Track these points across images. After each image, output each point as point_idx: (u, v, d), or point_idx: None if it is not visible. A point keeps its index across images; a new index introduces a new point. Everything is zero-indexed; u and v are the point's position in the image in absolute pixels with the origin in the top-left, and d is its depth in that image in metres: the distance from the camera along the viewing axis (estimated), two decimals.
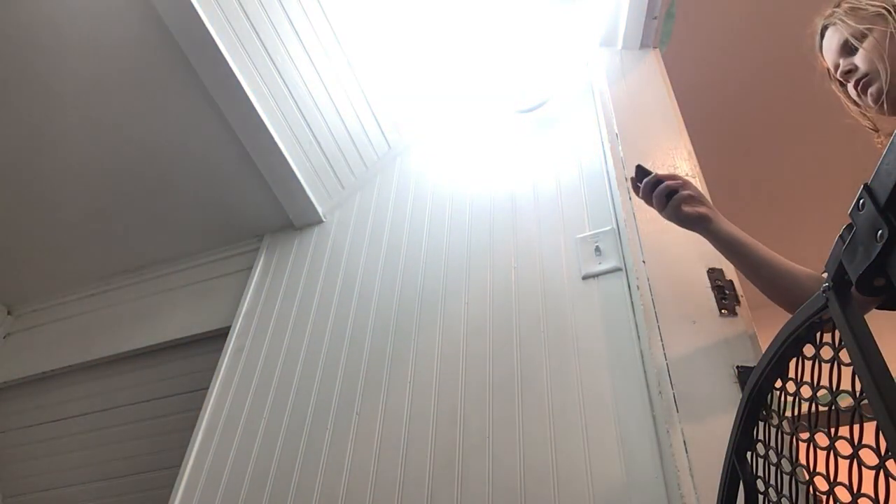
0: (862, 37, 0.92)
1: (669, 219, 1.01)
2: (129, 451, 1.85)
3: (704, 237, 1.00)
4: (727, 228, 0.98)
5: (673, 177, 1.02)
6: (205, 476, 1.45)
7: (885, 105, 0.91)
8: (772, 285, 0.94)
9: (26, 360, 2.10)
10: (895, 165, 0.36)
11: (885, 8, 0.90)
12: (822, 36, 1.00)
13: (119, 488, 1.82)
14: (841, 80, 0.97)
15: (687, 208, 0.99)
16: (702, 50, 2.26)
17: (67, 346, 2.05)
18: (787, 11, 2.14)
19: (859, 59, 0.93)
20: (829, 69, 1.02)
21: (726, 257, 1.00)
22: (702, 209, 0.99)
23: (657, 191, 1.00)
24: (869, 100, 0.92)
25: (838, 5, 0.97)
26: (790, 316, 0.52)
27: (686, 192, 1.00)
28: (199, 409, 1.59)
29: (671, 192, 0.99)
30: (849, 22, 0.94)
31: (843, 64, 0.95)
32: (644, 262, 1.16)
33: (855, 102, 0.99)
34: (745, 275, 1.00)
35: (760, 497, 0.56)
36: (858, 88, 0.93)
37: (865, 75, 0.92)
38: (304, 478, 1.32)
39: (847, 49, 0.95)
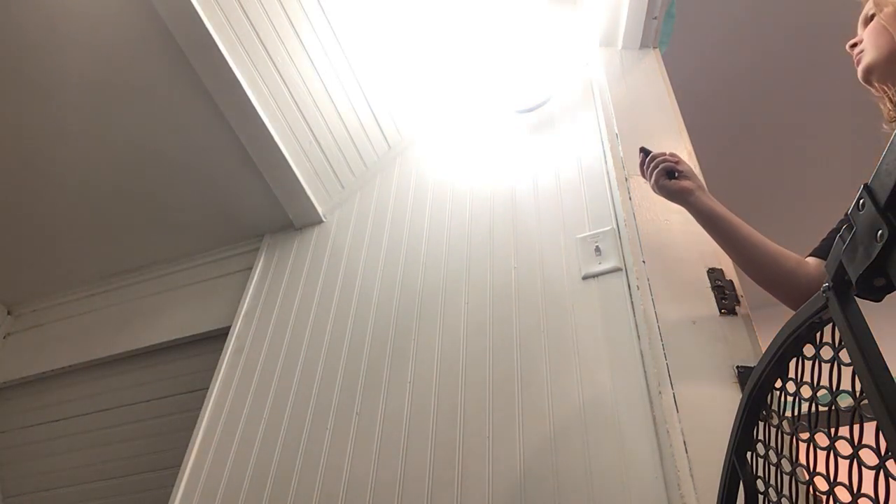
0: (880, 8, 0.90)
1: (653, 189, 1.11)
2: (129, 451, 1.85)
3: (686, 209, 1.06)
4: (708, 203, 1.03)
5: (672, 156, 1.10)
6: (205, 476, 1.45)
7: (872, 81, 0.90)
8: (751, 262, 0.98)
9: (26, 360, 2.10)
10: (895, 165, 0.36)
11: None
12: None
13: (119, 488, 1.82)
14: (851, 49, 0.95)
15: (669, 181, 1.07)
16: (702, 50, 2.26)
17: (67, 346, 2.05)
18: (787, 11, 2.14)
19: (866, 30, 0.92)
20: None
21: (707, 231, 1.05)
22: (685, 182, 1.06)
23: (651, 165, 1.10)
24: (859, 74, 0.92)
25: None
26: (790, 316, 0.52)
27: (669, 164, 1.08)
28: (199, 409, 1.59)
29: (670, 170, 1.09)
30: None
31: (859, 34, 0.94)
32: (644, 262, 1.16)
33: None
34: (725, 250, 1.04)
35: (760, 497, 0.56)
36: (856, 62, 0.93)
37: (862, 49, 0.92)
38: (304, 478, 1.32)
39: (866, 20, 0.94)
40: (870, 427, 0.40)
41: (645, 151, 1.15)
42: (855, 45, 0.94)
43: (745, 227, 0.98)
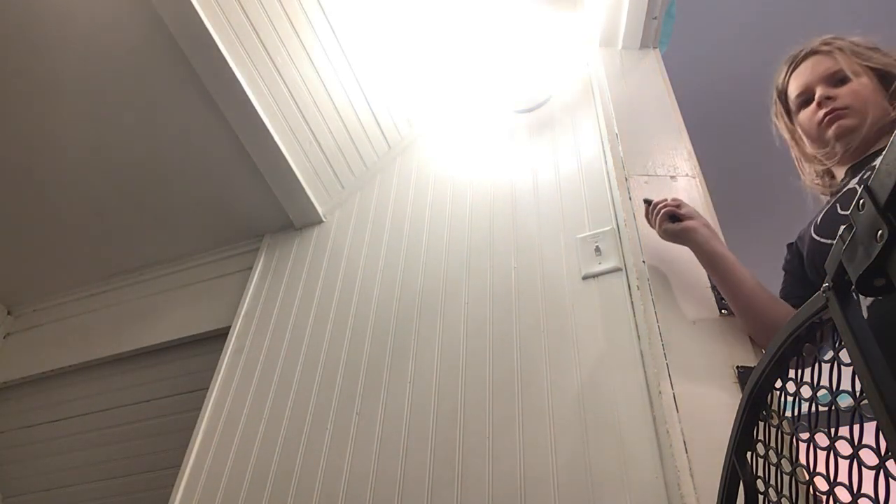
0: (857, 75, 0.93)
1: (660, 235, 1.10)
2: (129, 451, 1.85)
3: (690, 248, 1.06)
4: (711, 242, 1.02)
5: (673, 200, 1.10)
6: (205, 476, 1.45)
7: (846, 140, 0.92)
8: (744, 308, 0.98)
9: (26, 360, 2.10)
10: (895, 165, 0.36)
11: (889, 66, 0.93)
12: (802, 61, 1.01)
13: (119, 488, 1.82)
14: (819, 103, 0.96)
15: (672, 224, 1.07)
16: (702, 50, 2.26)
17: (67, 346, 2.05)
18: (787, 12, 2.14)
19: (846, 91, 0.93)
20: (786, 92, 1.04)
21: (706, 270, 1.05)
22: (688, 222, 1.05)
23: (654, 213, 1.11)
24: (833, 131, 0.93)
25: (832, 42, 0.99)
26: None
27: (670, 209, 1.08)
28: (199, 409, 1.59)
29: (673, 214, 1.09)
30: (850, 57, 0.95)
31: (825, 90, 0.95)
32: (644, 262, 1.16)
33: (797, 134, 1.03)
34: (723, 293, 1.03)
35: (760, 497, 0.56)
36: (829, 118, 0.93)
37: (845, 108, 0.92)
38: (303, 478, 1.32)
39: (834, 80, 0.96)
40: (870, 427, 0.40)
41: (647, 201, 1.15)
42: (830, 98, 0.94)
43: (744, 272, 0.98)
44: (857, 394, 0.41)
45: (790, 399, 0.52)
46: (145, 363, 1.93)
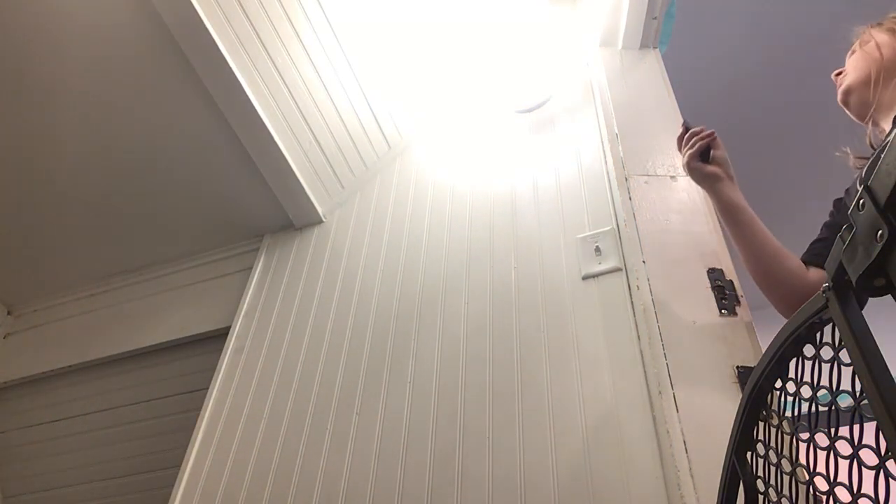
0: (864, 44, 1.01)
1: (683, 168, 1.08)
2: (128, 451, 1.85)
3: (709, 196, 1.06)
4: (731, 194, 1.03)
5: (710, 134, 1.07)
6: (205, 476, 1.45)
7: (849, 103, 1.02)
8: (758, 257, 0.98)
9: (26, 360, 2.10)
10: (895, 165, 0.36)
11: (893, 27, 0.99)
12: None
13: (119, 488, 1.82)
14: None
15: (701, 163, 1.05)
16: (702, 50, 2.26)
17: (67, 346, 2.05)
18: (787, 11, 2.14)
19: (849, 60, 1.03)
20: None
21: (722, 220, 1.05)
22: (714, 168, 1.05)
23: (689, 142, 1.07)
24: (838, 96, 1.04)
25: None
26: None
27: (705, 143, 1.05)
28: (199, 409, 1.59)
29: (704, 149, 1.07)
30: (868, 30, 1.02)
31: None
32: (644, 262, 1.16)
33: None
34: (735, 242, 1.03)
35: (760, 497, 0.56)
36: (838, 84, 1.05)
37: (844, 73, 1.03)
38: (303, 478, 1.32)
39: (852, 54, 1.05)
40: (870, 427, 0.40)
41: (686, 126, 1.11)
42: (840, 73, 1.05)
43: (759, 223, 1.00)
44: (857, 394, 0.41)
45: (790, 399, 0.52)
46: (145, 363, 1.93)
